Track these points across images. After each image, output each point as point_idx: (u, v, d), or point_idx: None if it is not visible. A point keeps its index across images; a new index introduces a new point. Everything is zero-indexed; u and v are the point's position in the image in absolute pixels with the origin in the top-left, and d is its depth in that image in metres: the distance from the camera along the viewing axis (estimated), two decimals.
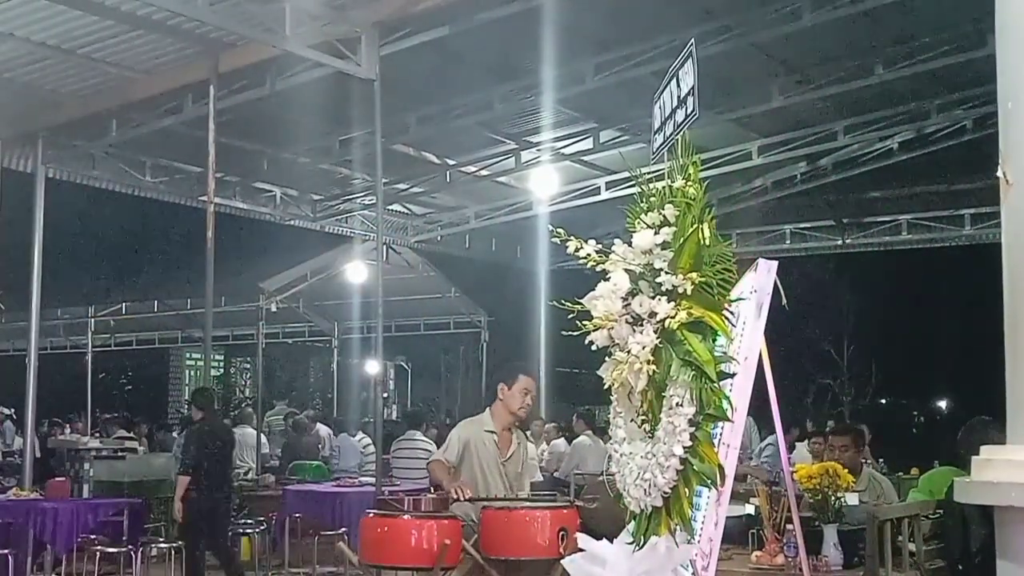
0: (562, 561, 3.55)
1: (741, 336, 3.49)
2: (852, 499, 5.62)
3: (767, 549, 5.32)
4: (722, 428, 3.30)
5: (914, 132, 12.57)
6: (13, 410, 16.41)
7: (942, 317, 23.43)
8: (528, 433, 6.41)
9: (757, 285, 3.60)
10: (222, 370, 26.62)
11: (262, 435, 15.44)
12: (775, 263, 3.67)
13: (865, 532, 5.15)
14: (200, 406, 9.09)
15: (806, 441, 11.73)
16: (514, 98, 11.38)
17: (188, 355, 26.87)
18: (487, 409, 6.08)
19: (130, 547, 8.53)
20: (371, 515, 5.45)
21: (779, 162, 13.49)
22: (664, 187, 3.25)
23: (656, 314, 3.05)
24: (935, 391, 29.23)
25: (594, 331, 3.20)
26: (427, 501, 5.68)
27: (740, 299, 3.39)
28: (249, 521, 10.31)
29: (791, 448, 10.57)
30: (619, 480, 3.28)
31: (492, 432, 5.96)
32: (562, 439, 12.53)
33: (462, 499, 5.57)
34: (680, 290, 3.04)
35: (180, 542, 8.85)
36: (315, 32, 8.70)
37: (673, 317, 3.02)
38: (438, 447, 7.51)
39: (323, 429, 15.72)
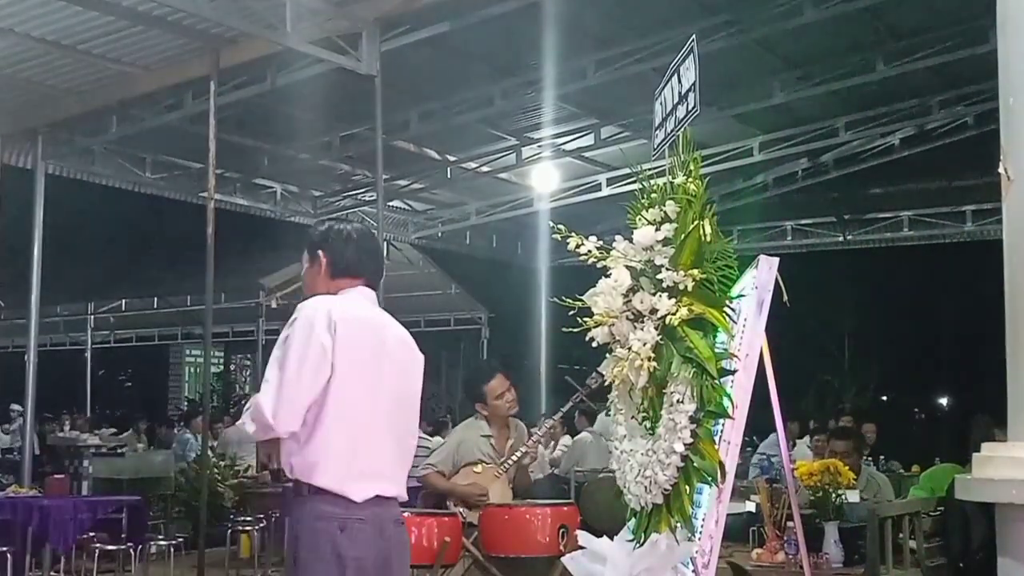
0: (563, 559, 3.54)
1: (742, 333, 3.49)
2: (853, 496, 5.61)
3: (768, 546, 5.31)
4: (723, 425, 3.29)
5: (915, 128, 12.57)
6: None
7: (943, 314, 23.38)
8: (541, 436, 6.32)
9: (758, 282, 3.59)
10: (222, 367, 26.57)
11: None
12: (776, 260, 3.67)
13: (866, 529, 5.15)
14: None
15: (807, 438, 11.70)
16: (515, 94, 11.37)
17: (188, 352, 26.81)
18: (475, 415, 6.03)
19: (129, 545, 8.52)
20: None
21: (780, 158, 13.48)
22: (665, 183, 3.24)
23: (657, 310, 3.05)
24: (936, 388, 29.16)
25: (595, 328, 3.20)
26: None
27: (741, 296, 3.39)
28: (248, 518, 10.30)
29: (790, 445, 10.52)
30: (619, 477, 3.27)
31: (489, 436, 5.93)
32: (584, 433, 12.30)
33: (485, 498, 5.58)
34: (681, 286, 3.03)
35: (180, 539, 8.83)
36: (316, 28, 8.68)
37: (674, 314, 3.01)
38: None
39: None
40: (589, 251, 3.24)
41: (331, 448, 3.20)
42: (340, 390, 3.22)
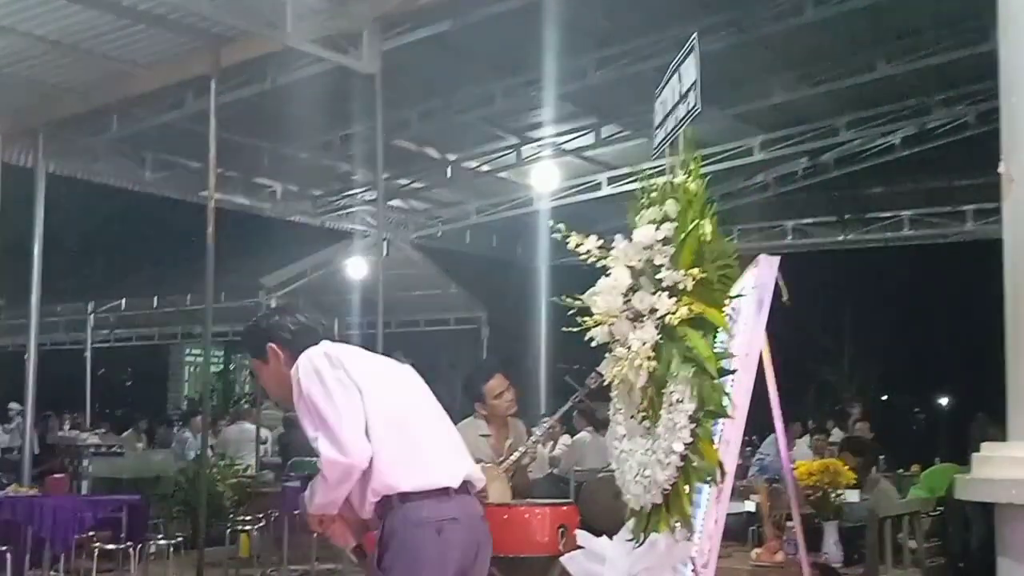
0: (562, 559, 3.54)
1: (742, 332, 3.48)
2: (852, 496, 5.61)
3: (767, 546, 5.32)
4: (723, 425, 3.29)
5: (916, 127, 12.56)
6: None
7: (944, 314, 23.40)
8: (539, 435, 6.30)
9: (758, 281, 3.59)
10: (222, 366, 26.56)
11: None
12: (777, 259, 3.67)
13: (865, 529, 5.15)
14: None
15: (807, 438, 11.71)
16: (515, 93, 11.36)
17: (188, 351, 26.82)
18: (474, 415, 6.01)
19: (129, 544, 8.51)
20: None
21: (781, 157, 13.48)
22: (665, 183, 3.23)
23: (657, 310, 3.04)
24: (936, 388, 29.17)
25: (595, 327, 3.19)
26: None
27: (741, 295, 3.38)
28: (248, 517, 10.30)
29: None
30: (619, 477, 3.27)
31: (487, 436, 5.91)
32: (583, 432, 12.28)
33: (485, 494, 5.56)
34: (681, 286, 3.02)
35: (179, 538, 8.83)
36: (316, 27, 8.68)
37: (674, 313, 3.00)
38: None
39: None
40: (589, 250, 3.23)
41: (398, 453, 3.21)
42: (374, 404, 3.23)
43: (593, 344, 3.23)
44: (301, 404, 3.25)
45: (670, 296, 3.03)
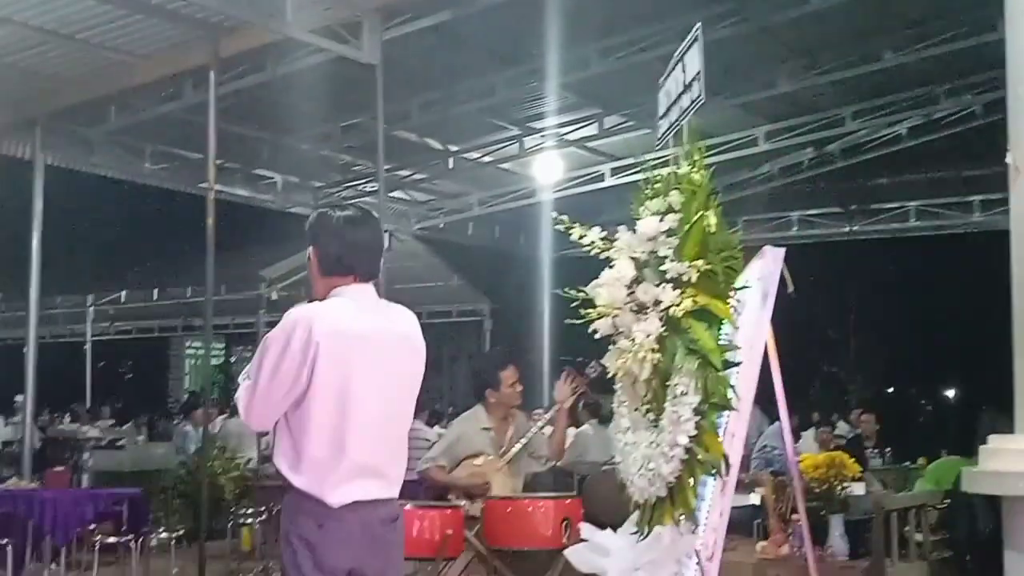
0: (566, 551, 3.51)
1: (747, 324, 3.44)
2: (858, 489, 5.58)
3: (772, 539, 5.28)
4: (727, 417, 3.25)
5: (923, 118, 12.50)
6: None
7: (950, 305, 23.32)
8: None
9: (763, 273, 3.55)
10: (223, 359, 26.55)
11: None
12: (782, 250, 3.62)
13: (871, 522, 5.11)
14: None
15: (812, 430, 11.67)
16: (518, 83, 11.32)
17: (188, 344, 26.80)
18: (477, 405, 5.96)
19: (130, 537, 8.49)
20: None
21: (786, 148, 13.42)
22: (670, 173, 3.20)
23: (661, 302, 3.01)
24: (943, 380, 29.12)
25: (598, 319, 3.16)
26: None
27: (746, 287, 3.34)
28: (249, 511, 10.27)
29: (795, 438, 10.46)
30: (623, 470, 3.24)
31: (489, 429, 5.87)
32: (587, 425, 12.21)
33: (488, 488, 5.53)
34: (685, 278, 2.99)
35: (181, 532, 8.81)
36: (316, 17, 8.63)
37: (678, 305, 2.97)
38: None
39: None
40: (592, 242, 3.20)
41: (313, 456, 3.21)
42: (324, 402, 3.17)
43: (597, 336, 3.20)
44: (262, 343, 3.26)
45: (674, 288, 3.00)
